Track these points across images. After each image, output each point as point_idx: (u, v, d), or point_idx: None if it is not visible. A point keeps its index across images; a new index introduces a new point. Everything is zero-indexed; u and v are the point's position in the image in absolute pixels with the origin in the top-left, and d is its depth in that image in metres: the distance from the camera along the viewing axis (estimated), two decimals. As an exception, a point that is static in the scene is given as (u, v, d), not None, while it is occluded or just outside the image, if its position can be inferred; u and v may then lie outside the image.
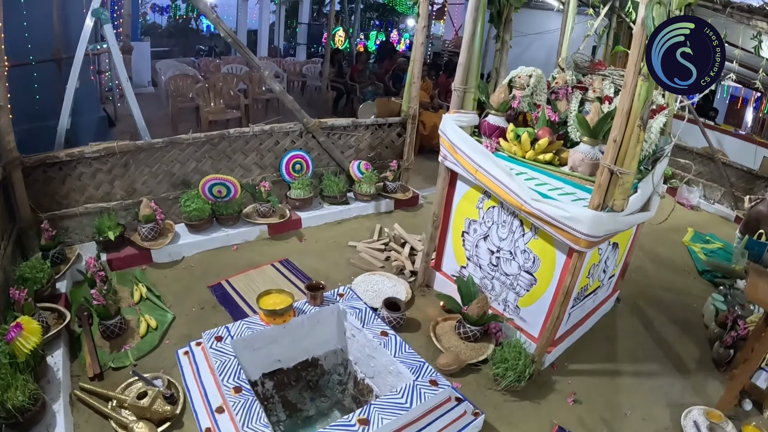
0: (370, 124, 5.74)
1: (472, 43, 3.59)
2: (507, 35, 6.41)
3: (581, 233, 3.09)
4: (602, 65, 4.22)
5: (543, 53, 10.88)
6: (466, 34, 3.58)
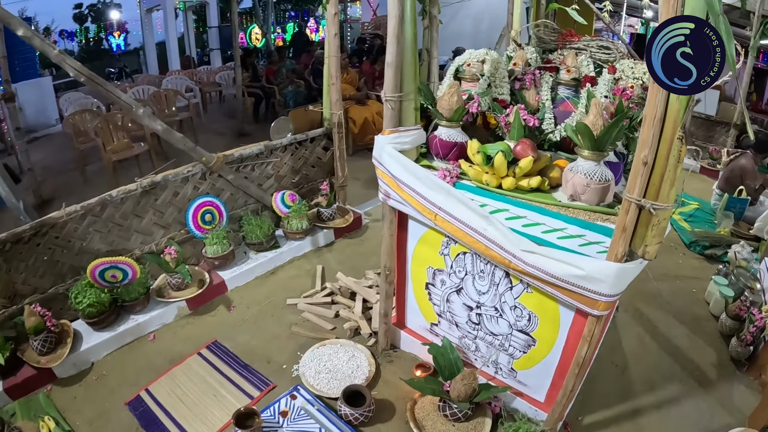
0: (287, 144, 4.38)
1: (401, 31, 2.30)
2: (435, 9, 5.16)
3: (601, 294, 2.09)
4: (573, 35, 2.99)
5: (469, 23, 9.63)
6: (391, 21, 2.29)
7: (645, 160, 1.82)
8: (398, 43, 2.30)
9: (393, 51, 2.32)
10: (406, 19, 2.30)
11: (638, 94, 2.61)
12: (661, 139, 1.79)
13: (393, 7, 2.25)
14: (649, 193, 1.89)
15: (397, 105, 2.43)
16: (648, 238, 2.00)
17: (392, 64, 2.34)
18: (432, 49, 5.19)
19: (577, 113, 2.69)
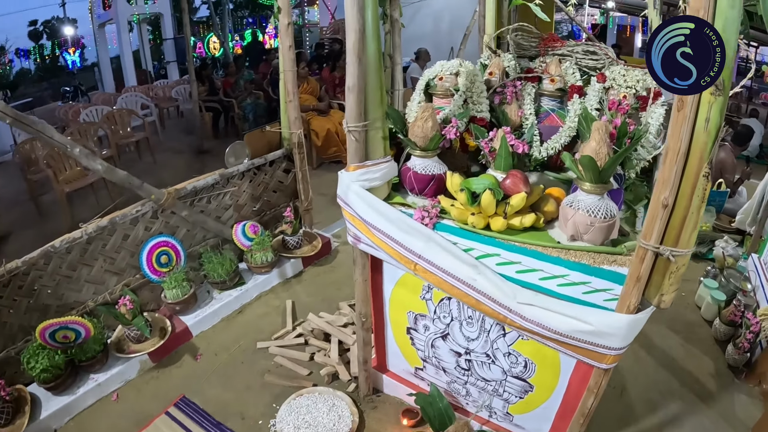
0: (245, 170, 3.93)
1: (363, 48, 1.89)
2: (396, 12, 4.76)
3: (610, 348, 1.79)
4: (556, 40, 2.62)
5: (430, 23, 9.18)
6: (350, 36, 1.88)
7: (665, 202, 1.49)
8: (360, 62, 1.89)
9: (354, 72, 1.91)
10: (368, 33, 1.90)
11: (632, 104, 2.26)
12: (683, 177, 1.46)
13: (352, 19, 1.84)
14: (668, 238, 1.57)
15: (362, 135, 2.02)
16: (665, 287, 1.69)
17: (354, 88, 1.94)
18: (395, 55, 4.78)
19: (565, 128, 2.34)
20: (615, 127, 1.97)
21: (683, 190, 1.48)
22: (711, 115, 1.36)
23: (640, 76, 2.26)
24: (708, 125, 1.38)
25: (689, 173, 1.45)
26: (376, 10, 1.91)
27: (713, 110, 1.36)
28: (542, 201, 1.97)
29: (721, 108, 1.36)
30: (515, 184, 1.85)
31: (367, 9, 1.87)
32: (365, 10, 1.86)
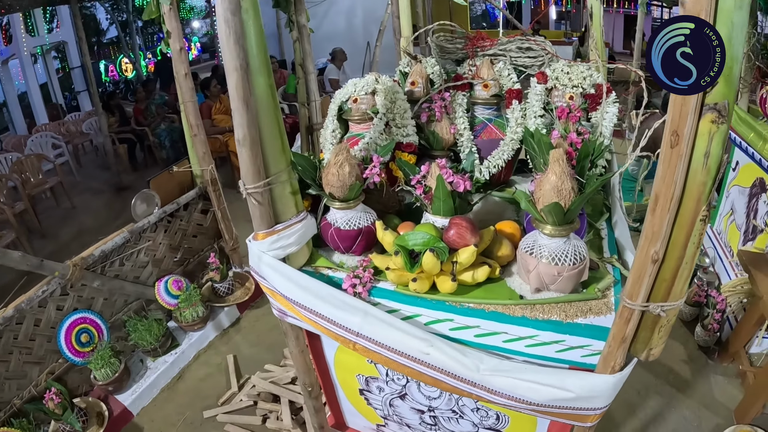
0: (157, 220, 3.39)
1: (250, 89, 1.41)
2: (303, 17, 4.29)
3: (593, 409, 1.49)
4: (485, 38, 2.20)
5: (342, 20, 8.66)
6: (231, 76, 1.39)
7: (656, 257, 1.13)
8: (247, 107, 1.43)
9: (242, 122, 1.45)
10: (253, 67, 1.44)
11: (579, 105, 1.90)
12: (676, 224, 1.10)
13: (231, 55, 1.37)
14: (657, 293, 1.24)
15: (265, 196, 1.57)
16: (654, 341, 1.35)
17: (245, 141, 1.47)
18: (307, 64, 4.32)
19: (507, 141, 1.96)
20: (571, 144, 1.59)
21: (676, 239, 1.13)
22: (711, 148, 1.00)
23: (586, 71, 1.89)
24: (707, 161, 1.02)
25: (683, 220, 1.10)
26: (261, 35, 1.45)
27: (714, 142, 1.00)
28: (495, 244, 1.58)
29: (723, 138, 1.00)
30: (461, 236, 1.45)
31: (248, 38, 1.41)
32: (246, 38, 1.40)
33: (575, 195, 1.34)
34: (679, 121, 0.99)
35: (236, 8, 1.34)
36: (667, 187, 1.05)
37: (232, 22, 1.35)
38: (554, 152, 1.34)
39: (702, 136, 1.00)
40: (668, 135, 1.02)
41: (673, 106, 1.00)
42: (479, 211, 1.96)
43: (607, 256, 1.70)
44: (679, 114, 0.99)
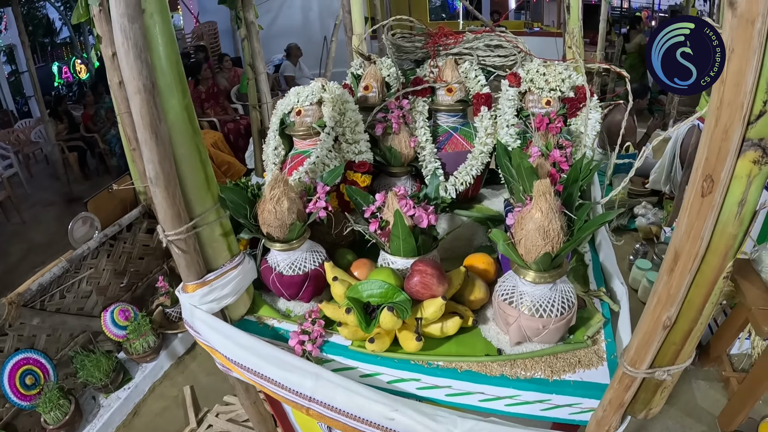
0: (98, 245, 3.02)
1: (159, 114, 1.11)
2: (251, 13, 3.93)
3: None
4: (449, 34, 1.89)
5: (297, 14, 8.23)
6: (134, 100, 1.09)
7: (668, 323, 0.88)
8: (157, 138, 1.13)
9: (152, 157, 1.14)
10: (163, 86, 1.13)
11: (558, 111, 1.64)
12: (694, 282, 0.84)
13: (132, 75, 1.07)
14: (663, 357, 0.99)
15: (190, 243, 1.27)
16: (655, 401, 1.12)
17: (158, 181, 1.17)
18: (257, 64, 3.98)
19: (476, 153, 1.69)
20: (554, 164, 1.33)
21: (692, 300, 0.88)
22: (749, 195, 0.75)
23: (564, 72, 1.63)
24: (742, 210, 0.76)
25: (704, 278, 0.85)
26: (173, 45, 1.14)
27: (753, 186, 0.74)
28: (466, 287, 1.31)
29: (763, 182, 0.74)
30: (426, 286, 1.17)
31: (154, 49, 1.11)
32: (152, 51, 1.10)
33: (565, 236, 1.08)
34: (716, 163, 0.73)
35: (136, 14, 1.04)
36: (692, 243, 0.79)
37: (131, 31, 1.04)
38: (539, 184, 1.07)
39: (739, 179, 0.74)
40: (699, 180, 0.76)
41: (709, 143, 0.74)
42: (444, 241, 1.69)
43: (594, 289, 1.46)
44: (717, 154, 0.73)
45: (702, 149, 0.76)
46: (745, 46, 0.68)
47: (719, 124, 0.73)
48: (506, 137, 1.61)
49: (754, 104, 0.71)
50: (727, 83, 0.72)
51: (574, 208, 1.18)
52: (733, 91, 0.71)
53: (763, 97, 0.71)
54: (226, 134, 5.77)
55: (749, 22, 0.66)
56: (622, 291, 1.43)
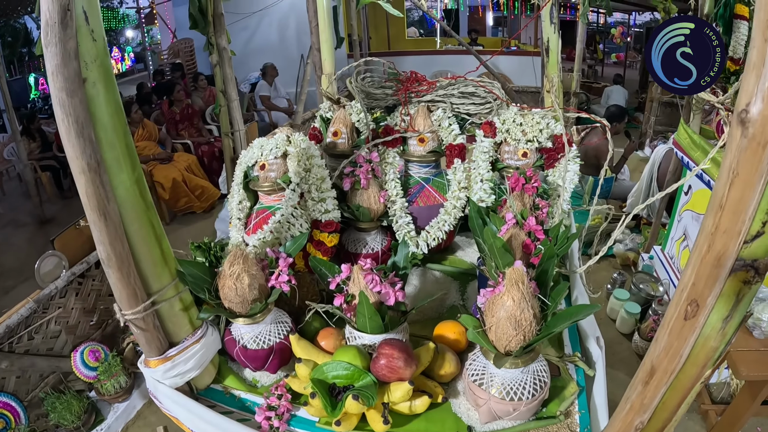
0: (65, 284, 2.91)
1: (104, 191, 1.04)
2: (223, 39, 3.84)
3: None
4: (421, 80, 1.83)
5: (274, 32, 8.10)
6: (79, 179, 1.02)
7: (639, 426, 0.85)
8: (107, 219, 1.06)
9: (103, 238, 1.08)
10: (110, 161, 1.06)
11: (536, 162, 1.60)
12: (671, 387, 0.80)
13: (74, 153, 0.99)
14: None
15: (149, 320, 1.20)
16: None
17: (110, 262, 1.11)
18: (229, 90, 3.89)
19: (449, 207, 1.64)
20: (530, 233, 1.28)
21: (667, 403, 0.84)
22: (735, 312, 0.70)
23: (542, 121, 1.58)
24: (726, 325, 0.72)
25: (681, 384, 0.82)
26: (119, 113, 1.07)
27: (741, 304, 0.70)
28: (436, 361, 1.25)
29: (751, 299, 0.69)
30: (393, 369, 1.12)
31: (99, 121, 1.04)
32: (96, 124, 1.03)
33: (538, 324, 1.03)
34: (703, 289, 0.69)
35: (75, 86, 0.97)
36: (671, 360, 0.75)
37: (71, 106, 0.97)
38: (512, 272, 1.02)
39: (726, 297, 0.70)
40: (683, 304, 0.71)
41: (698, 268, 0.69)
42: (417, 294, 1.63)
43: (569, 353, 1.42)
44: (705, 280, 0.68)
45: (689, 273, 0.71)
46: (753, 170, 0.62)
47: (712, 250, 0.68)
48: (480, 192, 1.56)
49: (752, 225, 0.66)
50: (725, 210, 0.66)
51: (548, 288, 1.13)
52: (732, 219, 0.65)
53: (762, 218, 0.66)
54: (200, 157, 5.63)
55: (761, 145, 0.61)
56: (598, 354, 1.38)
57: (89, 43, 0.99)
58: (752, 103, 0.59)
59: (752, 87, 0.59)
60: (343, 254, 1.69)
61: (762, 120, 0.59)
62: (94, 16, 1.00)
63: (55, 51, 0.93)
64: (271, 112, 6.92)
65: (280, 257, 1.28)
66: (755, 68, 0.59)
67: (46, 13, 0.91)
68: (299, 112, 5.06)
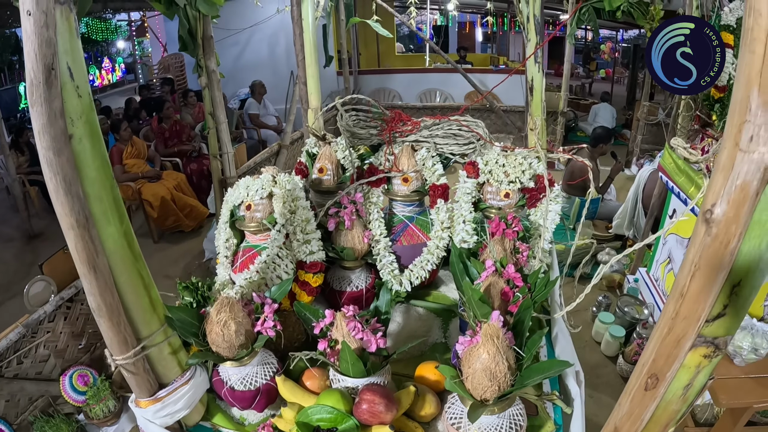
0: (54, 309, 2.93)
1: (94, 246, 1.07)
2: (212, 62, 3.88)
3: None
4: (405, 118, 1.87)
5: (264, 49, 8.12)
6: (69, 237, 1.05)
7: None
8: (96, 272, 1.10)
9: (93, 290, 1.12)
10: (98, 216, 1.10)
11: (517, 203, 1.66)
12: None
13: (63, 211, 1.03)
14: None
15: (139, 365, 1.24)
16: None
17: (101, 311, 1.15)
18: (217, 113, 3.93)
19: (432, 247, 1.69)
20: (508, 281, 1.33)
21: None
22: (696, 381, 0.77)
23: (525, 162, 1.64)
24: (687, 392, 0.78)
25: None
26: (105, 167, 1.11)
27: (701, 375, 0.76)
28: (416, 403, 1.30)
29: (711, 370, 0.76)
30: (374, 414, 1.17)
31: (86, 177, 1.07)
32: (83, 180, 1.07)
33: (513, 374, 1.08)
34: (663, 366, 0.74)
35: (62, 144, 1.00)
36: (632, 424, 0.81)
37: (58, 165, 1.01)
38: (487, 327, 1.08)
39: (687, 368, 0.76)
40: (644, 377, 0.77)
41: (658, 347, 0.75)
42: (401, 332, 1.68)
43: (547, 392, 1.47)
44: (666, 358, 0.74)
45: (650, 349, 0.77)
46: (714, 266, 0.67)
47: (672, 333, 0.73)
48: (462, 233, 1.62)
49: (713, 308, 0.71)
50: (686, 299, 0.71)
51: (524, 337, 1.18)
52: (692, 307, 0.71)
53: (724, 301, 0.71)
54: (189, 175, 5.62)
55: (723, 244, 0.66)
56: (576, 391, 1.43)
57: (75, 99, 1.02)
58: (717, 204, 0.65)
59: (719, 188, 0.65)
60: (327, 292, 1.74)
61: (726, 221, 0.65)
62: (79, 71, 1.03)
63: (41, 111, 0.95)
64: (260, 129, 6.95)
65: (266, 303, 1.33)
66: (723, 170, 0.64)
67: (31, 73, 0.93)
68: (288, 133, 5.10)
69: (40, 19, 0.92)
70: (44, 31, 0.94)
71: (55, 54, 0.96)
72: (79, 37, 1.06)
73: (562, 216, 4.36)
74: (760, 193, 0.63)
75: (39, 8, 0.92)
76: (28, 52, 0.93)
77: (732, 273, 0.69)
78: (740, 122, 0.61)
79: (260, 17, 7.20)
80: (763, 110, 0.59)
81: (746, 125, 0.61)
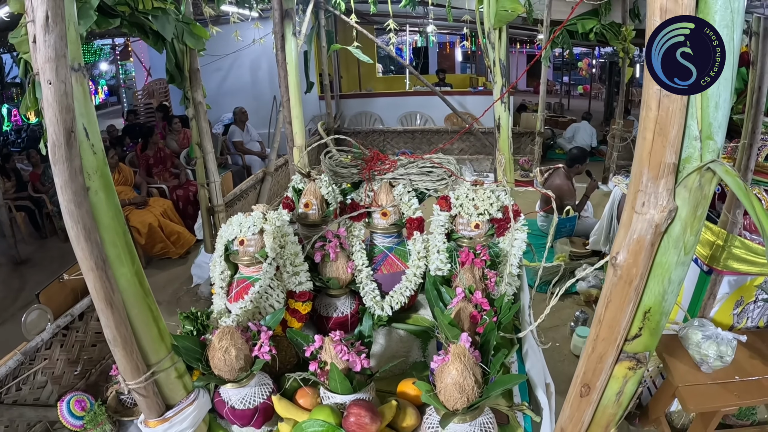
0: (50, 336, 3.08)
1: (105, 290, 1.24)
2: (199, 93, 4.06)
3: None
4: (382, 157, 2.05)
5: (246, 74, 8.30)
6: (88, 278, 1.21)
7: None
8: (112, 308, 1.27)
9: (109, 323, 1.28)
10: (113, 259, 1.25)
11: (486, 232, 1.85)
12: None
13: (83, 256, 1.18)
14: None
15: (149, 389, 1.41)
16: None
17: (116, 342, 1.31)
18: (204, 143, 4.10)
19: (410, 275, 1.88)
20: (476, 306, 1.52)
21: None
22: (626, 388, 0.96)
23: (492, 196, 1.84)
24: (620, 398, 0.97)
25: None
26: (118, 215, 1.26)
27: (630, 383, 0.96)
28: (398, 416, 1.48)
29: (639, 379, 0.95)
30: (361, 426, 1.34)
31: (102, 225, 1.21)
32: (100, 227, 1.22)
33: (480, 387, 1.27)
34: (592, 376, 0.94)
35: (81, 198, 1.15)
36: (574, 426, 0.99)
37: (79, 216, 1.16)
38: (455, 348, 1.27)
39: (616, 379, 0.95)
40: (578, 386, 0.96)
41: (586, 362, 0.94)
42: (383, 352, 1.86)
43: (518, 402, 1.65)
44: (593, 371, 0.93)
45: (581, 364, 0.96)
46: (622, 299, 0.88)
47: (595, 351, 0.94)
48: (437, 262, 1.81)
49: (630, 330, 0.91)
50: (603, 325, 0.92)
51: (490, 355, 1.36)
52: (608, 331, 0.91)
53: (639, 324, 0.91)
54: (175, 201, 5.72)
55: (627, 282, 0.86)
56: (545, 401, 1.62)
57: (90, 156, 1.18)
58: (620, 252, 0.85)
59: (621, 240, 0.85)
60: (316, 317, 1.92)
61: (627, 266, 0.86)
62: (93, 130, 1.19)
63: (63, 168, 1.10)
64: (244, 156, 7.12)
65: (261, 330, 1.51)
66: (624, 227, 0.85)
67: (53, 135, 1.08)
68: (272, 160, 5.27)
69: (60, 88, 1.08)
70: (64, 99, 1.09)
71: (73, 118, 1.12)
72: (92, 101, 1.23)
73: (540, 234, 4.59)
74: (655, 245, 0.83)
75: (58, 78, 1.08)
76: (50, 117, 1.09)
77: (642, 303, 0.89)
78: (635, 191, 0.82)
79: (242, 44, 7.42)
80: (652, 182, 0.80)
81: (639, 194, 0.81)
